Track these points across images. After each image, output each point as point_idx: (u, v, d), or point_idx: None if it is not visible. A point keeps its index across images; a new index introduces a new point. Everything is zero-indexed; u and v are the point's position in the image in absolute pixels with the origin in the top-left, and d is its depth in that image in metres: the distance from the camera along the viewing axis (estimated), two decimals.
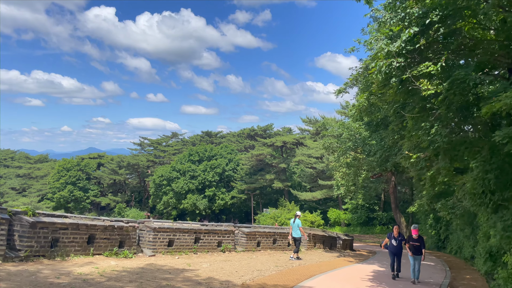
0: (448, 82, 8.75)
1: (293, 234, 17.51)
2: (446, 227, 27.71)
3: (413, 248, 12.77)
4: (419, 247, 12.78)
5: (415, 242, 12.76)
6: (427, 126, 9.41)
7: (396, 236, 13.41)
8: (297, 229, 17.36)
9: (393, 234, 13.49)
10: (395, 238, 13.39)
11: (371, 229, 53.49)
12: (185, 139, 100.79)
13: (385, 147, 17.27)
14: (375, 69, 10.17)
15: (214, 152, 75.38)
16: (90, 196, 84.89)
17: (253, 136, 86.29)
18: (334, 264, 16.97)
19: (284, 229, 21.07)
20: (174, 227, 15.14)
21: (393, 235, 13.47)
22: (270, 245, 19.26)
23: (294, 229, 17.44)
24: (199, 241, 15.96)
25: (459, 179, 9.94)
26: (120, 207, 79.97)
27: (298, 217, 17.82)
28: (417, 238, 12.76)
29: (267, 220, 52.73)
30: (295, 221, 17.58)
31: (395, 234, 13.44)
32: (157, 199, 75.41)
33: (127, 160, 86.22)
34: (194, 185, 70.64)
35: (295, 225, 17.45)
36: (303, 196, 57.91)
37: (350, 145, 18.95)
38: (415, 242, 12.76)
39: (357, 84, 17.36)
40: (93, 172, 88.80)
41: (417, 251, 12.77)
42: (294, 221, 17.60)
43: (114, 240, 13.19)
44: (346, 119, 22.63)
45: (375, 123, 19.56)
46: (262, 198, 75.24)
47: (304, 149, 60.35)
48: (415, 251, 12.78)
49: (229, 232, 17.14)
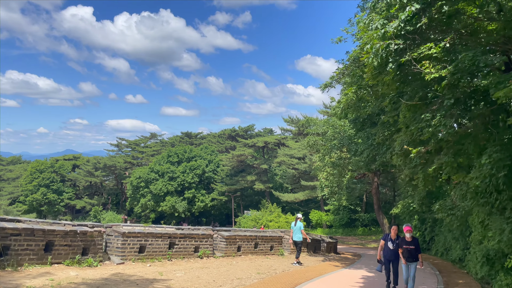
0: (453, 65, 7.72)
1: (294, 237, 16.83)
2: (432, 228, 27.04)
3: (408, 253, 10.71)
4: (415, 252, 10.71)
5: (409, 245, 10.66)
6: (428, 117, 8.36)
7: (394, 238, 11.28)
8: (299, 232, 16.70)
9: (390, 236, 11.42)
10: (392, 240, 11.27)
11: (353, 231, 52.88)
12: (164, 140, 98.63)
13: (374, 145, 16.28)
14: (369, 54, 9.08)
15: (194, 153, 73.70)
16: (65, 199, 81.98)
17: (234, 137, 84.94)
18: (320, 270, 15.86)
19: (266, 232, 19.88)
20: (146, 232, 13.75)
21: (390, 236, 11.39)
22: (251, 250, 18.03)
23: (296, 232, 16.81)
24: (174, 247, 14.60)
25: (461, 176, 8.93)
26: (96, 210, 77.46)
27: (299, 219, 17.13)
28: (411, 240, 10.69)
29: (248, 223, 51.51)
30: (296, 224, 16.90)
31: (392, 236, 11.34)
32: (134, 201, 73.20)
33: (103, 161, 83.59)
34: (173, 187, 68.80)
35: (297, 228, 16.83)
36: (285, 198, 56.87)
37: (336, 143, 17.89)
38: (409, 245, 10.66)
39: (344, 77, 16.31)
40: (68, 174, 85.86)
41: (412, 257, 10.76)
42: (296, 224, 16.91)
43: (77, 247, 11.72)
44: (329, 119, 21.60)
45: (361, 119, 18.60)
46: (243, 200, 73.94)
47: (286, 149, 59.31)
48: (409, 257, 10.76)
49: (207, 236, 15.83)
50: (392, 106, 10.76)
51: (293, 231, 16.92)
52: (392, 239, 11.30)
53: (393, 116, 11.12)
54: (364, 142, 17.24)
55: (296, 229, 16.83)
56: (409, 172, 11.52)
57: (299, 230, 16.77)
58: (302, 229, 16.78)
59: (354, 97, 14.01)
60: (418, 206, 15.31)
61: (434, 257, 25.52)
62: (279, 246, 19.82)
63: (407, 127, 9.54)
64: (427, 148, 8.96)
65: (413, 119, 9.30)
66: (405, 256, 10.73)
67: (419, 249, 10.77)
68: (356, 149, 17.34)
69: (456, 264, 20.56)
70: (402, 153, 12.05)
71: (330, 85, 16.79)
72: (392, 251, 11.21)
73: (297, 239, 16.75)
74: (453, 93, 7.77)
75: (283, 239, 20.45)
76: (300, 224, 16.89)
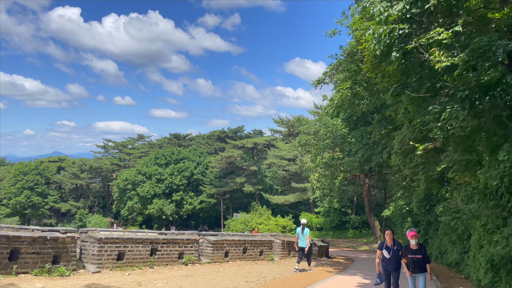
0: (466, 52, 6.87)
1: (300, 244, 16.14)
2: (425, 231, 26.33)
3: (413, 263, 8.88)
4: (422, 262, 8.86)
5: (416, 254, 8.83)
6: (436, 109, 7.50)
7: (390, 244, 9.41)
8: (305, 238, 16.05)
9: (385, 243, 9.49)
10: (389, 248, 9.40)
11: (344, 233, 52.14)
12: (152, 142, 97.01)
13: (369, 144, 15.43)
14: (369, 42, 8.20)
15: (182, 155, 72.37)
16: (49, 202, 79.90)
17: (223, 138, 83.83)
18: (312, 277, 14.94)
19: (255, 237, 18.91)
20: (125, 237, 12.68)
21: (386, 244, 9.48)
22: (239, 255, 17.05)
23: (302, 238, 16.12)
24: (156, 253, 13.55)
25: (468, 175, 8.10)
26: (81, 214, 75.58)
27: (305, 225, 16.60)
28: (417, 248, 8.88)
29: (237, 225, 50.42)
30: (304, 230, 16.24)
31: (388, 243, 9.44)
32: (121, 204, 71.62)
33: (89, 163, 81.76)
34: (161, 189, 67.40)
35: (304, 234, 16.16)
36: (275, 200, 55.85)
37: (328, 143, 17.01)
38: (415, 255, 8.83)
39: (337, 74, 15.45)
40: (52, 176, 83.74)
41: (419, 268, 8.90)
42: (303, 230, 16.24)
43: (47, 254, 10.63)
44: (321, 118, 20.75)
45: (355, 118, 17.76)
46: (233, 203, 72.83)
47: (276, 150, 58.34)
48: (416, 268, 8.91)
49: (192, 241, 14.81)
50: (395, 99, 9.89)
51: (299, 237, 16.29)
52: (388, 246, 9.45)
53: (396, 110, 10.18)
54: (358, 142, 16.40)
55: (304, 235, 16.26)
56: (410, 172, 10.65)
57: (305, 236, 16.21)
58: (307, 235, 16.24)
59: (349, 92, 13.14)
60: (416, 208, 14.48)
61: None
62: (269, 250, 18.88)
63: (410, 121, 8.67)
64: (435, 144, 8.11)
65: (418, 113, 8.43)
66: (410, 267, 8.96)
67: (427, 258, 8.99)
68: (350, 149, 16.48)
69: (452, 268, 19.85)
70: (401, 152, 11.22)
71: (323, 81, 15.93)
72: (390, 260, 9.38)
73: (304, 245, 16.19)
74: (467, 83, 6.90)
75: (273, 243, 19.52)
76: (307, 230, 16.38)
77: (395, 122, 13.90)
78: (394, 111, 10.08)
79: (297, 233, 16.49)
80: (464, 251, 17.70)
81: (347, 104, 13.98)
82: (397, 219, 32.68)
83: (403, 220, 30.98)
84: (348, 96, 13.39)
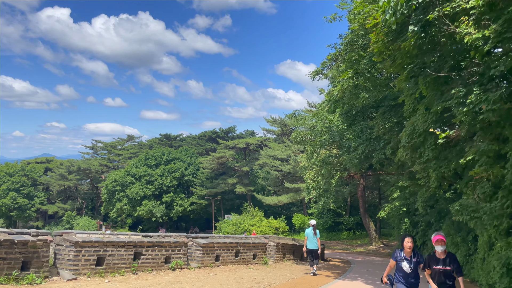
0: (500, 23, 5.83)
1: (309, 245, 15.61)
2: (424, 232, 25.43)
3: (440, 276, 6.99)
4: (450, 274, 6.96)
5: (444, 266, 6.95)
6: (461, 92, 6.46)
7: (409, 255, 7.44)
8: (316, 240, 15.64)
9: (403, 253, 7.51)
10: (408, 259, 7.43)
11: (338, 235, 51.19)
12: (142, 143, 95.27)
13: (371, 139, 14.40)
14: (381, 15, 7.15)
15: (173, 156, 70.94)
16: (36, 204, 77.85)
17: (214, 138, 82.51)
18: (310, 282, 13.85)
19: (248, 239, 17.77)
20: (105, 241, 11.47)
21: (404, 254, 7.49)
22: (231, 259, 15.90)
23: (313, 240, 15.64)
24: (140, 258, 12.36)
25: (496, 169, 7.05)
26: (69, 216, 73.76)
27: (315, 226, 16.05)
28: (445, 257, 7.01)
29: (229, 227, 49.23)
30: (315, 231, 15.75)
31: (406, 253, 7.46)
32: (110, 206, 69.91)
33: (77, 164, 79.87)
34: (151, 190, 65.88)
35: (315, 236, 15.71)
36: (268, 201, 54.57)
37: (326, 138, 15.96)
38: (443, 266, 6.95)
39: (337, 64, 14.41)
40: (39, 177, 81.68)
41: (446, 282, 6.99)
42: (315, 231, 15.73)
43: (14, 260, 9.40)
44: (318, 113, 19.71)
45: (354, 112, 16.73)
46: (224, 204, 71.52)
47: (269, 150, 57.15)
48: (443, 283, 6.99)
49: (180, 244, 13.63)
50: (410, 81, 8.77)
51: (308, 239, 15.73)
52: (407, 257, 7.44)
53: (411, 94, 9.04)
54: (358, 137, 15.36)
55: (314, 237, 15.77)
56: (420, 168, 9.62)
57: (315, 238, 15.74)
58: (318, 237, 15.77)
59: (350, 82, 12.09)
60: (422, 208, 13.47)
61: None
62: (263, 254, 17.76)
63: (426, 109, 7.62)
64: (458, 132, 7.06)
65: (435, 98, 7.38)
66: (437, 281, 7.02)
67: (459, 270, 7.02)
68: (349, 145, 15.42)
69: None
70: (410, 146, 10.18)
71: (321, 72, 14.87)
72: (411, 275, 7.40)
73: (314, 247, 15.68)
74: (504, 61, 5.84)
75: (267, 246, 18.42)
76: (318, 232, 15.90)
77: (400, 115, 12.88)
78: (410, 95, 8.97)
79: (306, 235, 15.94)
80: (469, 253, 16.78)
81: (348, 96, 12.88)
82: (393, 220, 31.80)
83: (400, 221, 30.10)
84: (349, 87, 12.34)
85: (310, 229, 15.87)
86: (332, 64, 14.41)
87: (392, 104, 12.73)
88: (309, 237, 15.74)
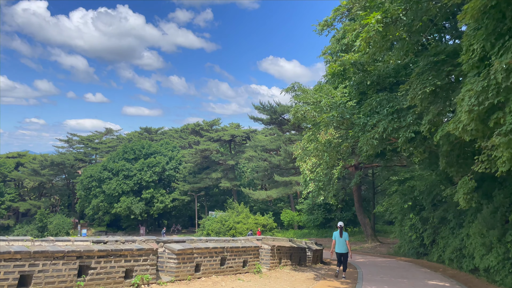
0: None
1: (337, 249, 14.51)
2: (435, 229, 22.43)
3: None
4: None
5: None
6: None
7: None
8: (345, 243, 14.53)
9: None
10: None
11: (329, 232, 48.14)
12: (121, 136, 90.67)
13: (397, 111, 11.13)
14: None
15: (153, 149, 66.85)
16: (6, 201, 72.77)
17: (198, 131, 78.52)
18: None
19: (237, 242, 14.31)
20: (32, 251, 7.90)
21: None
22: (216, 268, 12.44)
23: (342, 243, 14.49)
24: (88, 273, 8.82)
25: None
26: (41, 213, 68.98)
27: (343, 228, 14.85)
28: None
29: (213, 225, 45.67)
30: (342, 234, 14.53)
31: None
32: (85, 203, 65.58)
33: (51, 159, 74.99)
34: (129, 186, 61.76)
35: (343, 239, 14.48)
36: (256, 195, 50.74)
37: (335, 114, 12.62)
38: None
39: (351, 15, 11.00)
40: (10, 173, 76.55)
41: None
42: (342, 234, 14.52)
43: None
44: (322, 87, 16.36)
45: (368, 83, 13.42)
46: (208, 200, 67.88)
47: (256, 141, 53.43)
48: None
49: (146, 252, 10.10)
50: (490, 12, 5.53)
51: (337, 242, 14.58)
52: None
53: (481, 41, 5.84)
54: (376, 112, 12.07)
55: (342, 240, 14.58)
56: (499, 140, 6.42)
57: (344, 241, 14.55)
58: (347, 240, 14.53)
59: (379, 27, 8.72)
60: (465, 202, 10.26)
61: (439, 265, 20.89)
62: (255, 260, 14.32)
63: None
64: None
65: None
66: None
67: None
68: (365, 122, 12.09)
69: (480, 277, 15.96)
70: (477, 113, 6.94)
71: (331, 25, 11.48)
72: None
73: (344, 251, 14.53)
74: None
75: (260, 249, 15.01)
76: (346, 234, 14.60)
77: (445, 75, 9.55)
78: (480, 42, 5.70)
79: (334, 238, 14.70)
80: (507, 256, 13.76)
81: (372, 49, 9.52)
82: (396, 216, 28.82)
83: (403, 217, 27.10)
84: (375, 35, 8.91)
85: (337, 231, 14.60)
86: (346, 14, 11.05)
87: (434, 60, 9.48)
88: (337, 240, 14.55)
